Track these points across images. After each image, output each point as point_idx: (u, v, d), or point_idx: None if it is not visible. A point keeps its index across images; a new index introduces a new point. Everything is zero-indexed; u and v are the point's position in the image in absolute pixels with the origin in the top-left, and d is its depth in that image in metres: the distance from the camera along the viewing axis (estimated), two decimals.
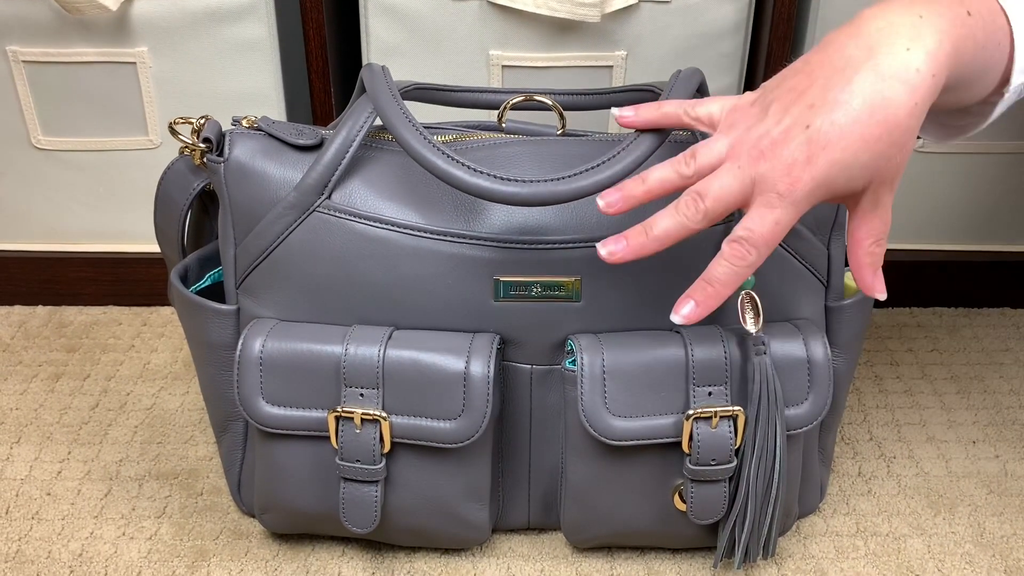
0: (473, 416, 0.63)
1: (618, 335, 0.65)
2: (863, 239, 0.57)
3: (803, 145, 0.52)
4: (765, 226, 0.54)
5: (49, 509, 0.76)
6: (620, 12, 0.89)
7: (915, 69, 0.51)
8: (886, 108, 0.51)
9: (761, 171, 0.53)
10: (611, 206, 0.58)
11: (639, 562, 0.72)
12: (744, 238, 0.54)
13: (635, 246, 0.57)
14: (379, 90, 0.65)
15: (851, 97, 0.52)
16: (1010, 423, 0.86)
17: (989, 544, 0.74)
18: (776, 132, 0.53)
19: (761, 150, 0.53)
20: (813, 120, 0.52)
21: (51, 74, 0.92)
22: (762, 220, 0.54)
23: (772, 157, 0.53)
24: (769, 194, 0.53)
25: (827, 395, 0.65)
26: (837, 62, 0.53)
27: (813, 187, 0.52)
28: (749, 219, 0.54)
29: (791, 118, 0.53)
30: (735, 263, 0.55)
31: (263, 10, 0.89)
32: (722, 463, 0.64)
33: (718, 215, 0.55)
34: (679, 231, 0.56)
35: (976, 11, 0.53)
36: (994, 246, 1.02)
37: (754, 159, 0.54)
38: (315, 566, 0.71)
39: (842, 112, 0.52)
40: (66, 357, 0.94)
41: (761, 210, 0.54)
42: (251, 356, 0.65)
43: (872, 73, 0.52)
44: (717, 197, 0.55)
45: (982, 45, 0.53)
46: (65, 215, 1.00)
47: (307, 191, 0.65)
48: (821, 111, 0.52)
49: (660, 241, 0.56)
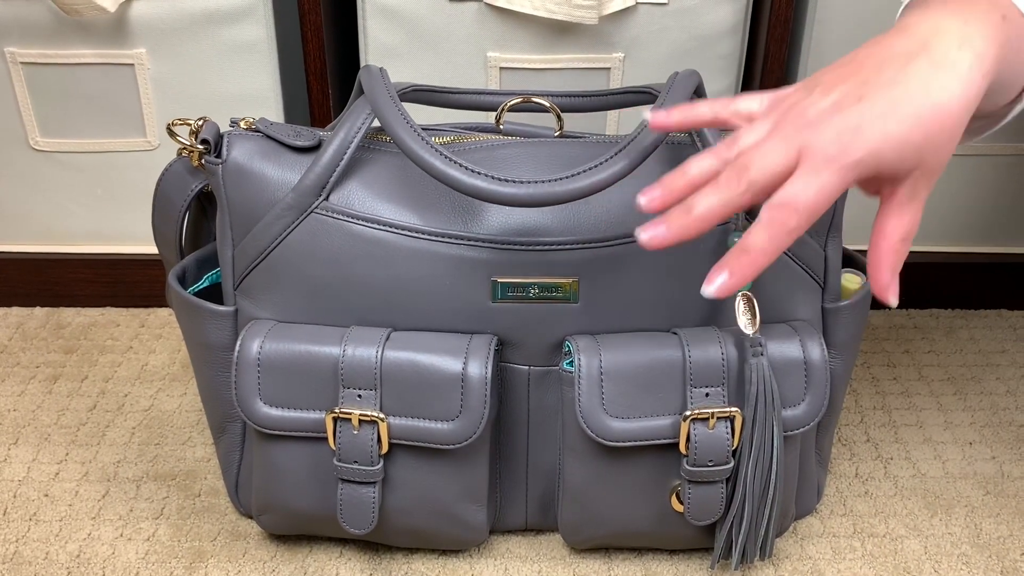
0: (471, 417, 0.63)
1: (616, 336, 0.65)
2: (892, 232, 0.54)
3: (855, 114, 0.50)
4: (810, 191, 0.51)
5: (47, 510, 0.76)
6: (618, 14, 0.89)
7: (967, 67, 0.51)
8: (941, 93, 0.50)
9: (808, 138, 0.51)
10: (652, 201, 0.55)
11: (636, 563, 0.72)
12: (786, 202, 0.51)
13: (677, 228, 0.53)
14: (377, 92, 0.65)
15: (907, 78, 0.50)
16: (1007, 424, 0.86)
17: (985, 545, 0.74)
18: (825, 103, 0.51)
19: (809, 119, 0.51)
20: (867, 93, 0.51)
21: (49, 75, 0.92)
22: (806, 185, 0.51)
23: (821, 124, 0.51)
24: (816, 159, 0.51)
25: (824, 396, 0.65)
26: (888, 53, 0.52)
27: (864, 155, 0.50)
28: (792, 185, 0.51)
29: (840, 92, 0.51)
30: (776, 229, 0.51)
31: (261, 12, 0.90)
32: (719, 464, 0.64)
33: (763, 188, 0.52)
34: (723, 208, 0.52)
35: (1009, 16, 0.53)
36: (991, 248, 1.02)
37: (800, 128, 0.51)
38: (313, 567, 0.71)
39: (900, 90, 0.50)
40: (64, 358, 0.94)
41: (806, 176, 0.51)
42: (249, 357, 0.65)
43: (927, 61, 0.51)
44: (761, 167, 0.51)
45: (1016, 49, 0.53)
46: (63, 216, 1.00)
47: (305, 192, 0.65)
48: (876, 87, 0.51)
49: (703, 220, 0.53)
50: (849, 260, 0.72)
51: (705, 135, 0.65)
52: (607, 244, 0.64)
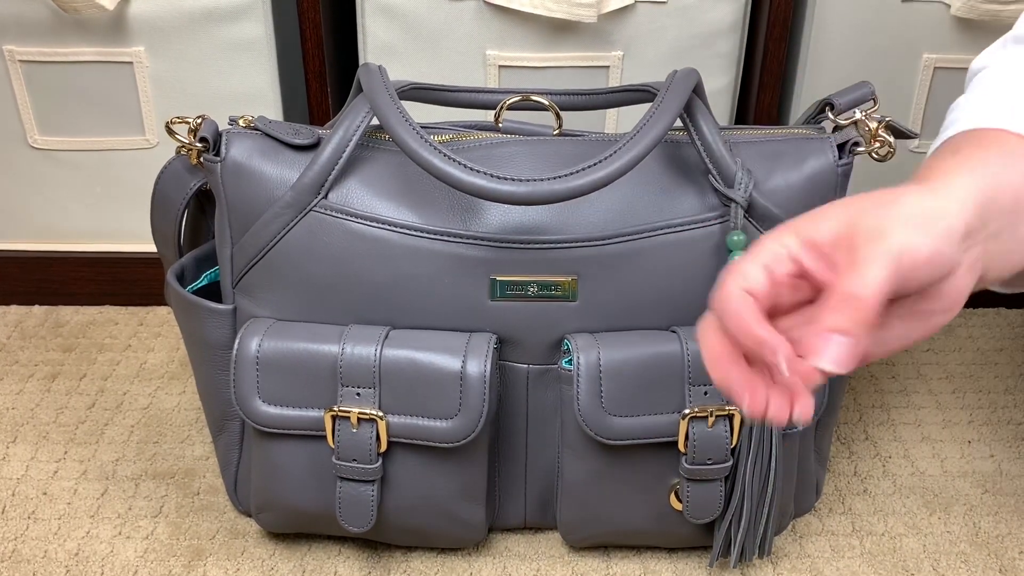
0: (470, 415, 0.63)
1: (614, 334, 0.65)
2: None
3: None
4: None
5: (45, 509, 0.76)
6: (616, 12, 0.89)
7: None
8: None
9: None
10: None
11: (635, 561, 0.72)
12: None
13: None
14: (376, 90, 0.65)
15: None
16: (1005, 423, 0.86)
17: (984, 543, 0.74)
18: None
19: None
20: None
21: (48, 73, 0.92)
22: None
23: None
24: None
25: (823, 394, 0.65)
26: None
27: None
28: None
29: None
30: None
31: (260, 10, 0.89)
32: (718, 462, 0.64)
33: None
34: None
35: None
36: None
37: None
38: (311, 565, 0.71)
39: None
40: (62, 357, 0.94)
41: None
42: (248, 355, 0.65)
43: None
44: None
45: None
46: (62, 215, 1.00)
47: (304, 191, 0.65)
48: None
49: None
50: None
51: (702, 129, 0.65)
52: (606, 242, 0.64)
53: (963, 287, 0.50)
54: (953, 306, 0.50)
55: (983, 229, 0.50)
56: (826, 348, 0.45)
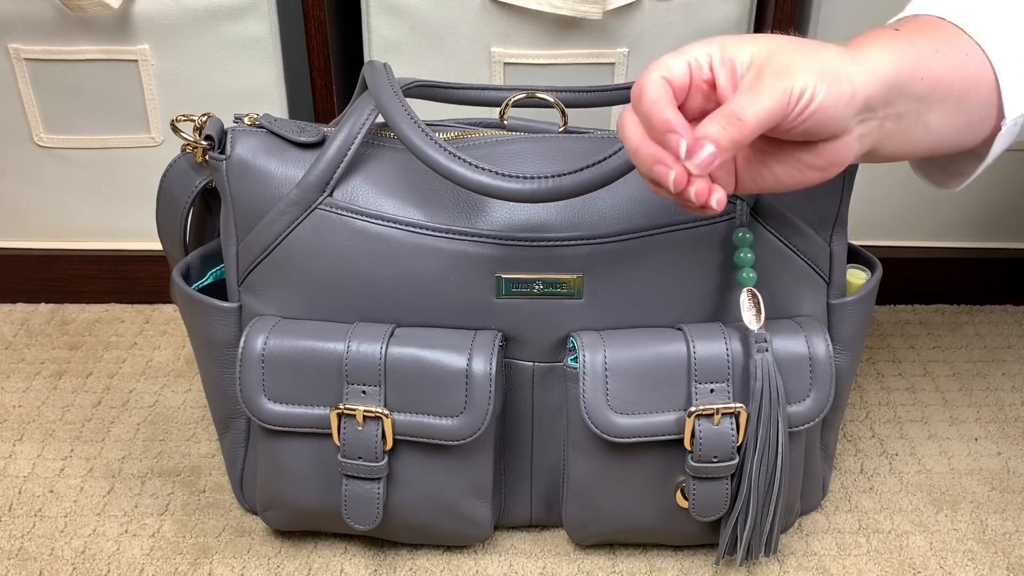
0: (475, 413, 0.63)
1: (620, 332, 0.65)
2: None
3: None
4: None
5: (52, 507, 0.76)
6: (622, 9, 0.89)
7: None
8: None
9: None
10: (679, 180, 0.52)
11: (641, 559, 0.72)
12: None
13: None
14: (381, 87, 0.65)
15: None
16: (1012, 420, 0.86)
17: (991, 541, 0.74)
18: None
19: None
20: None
21: (53, 72, 0.92)
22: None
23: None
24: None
25: (829, 392, 0.65)
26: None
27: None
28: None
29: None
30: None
31: (265, 7, 0.89)
32: (724, 460, 0.64)
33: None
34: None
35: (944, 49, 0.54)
36: (996, 243, 1.02)
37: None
38: (317, 563, 0.71)
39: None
40: (68, 355, 0.94)
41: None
42: (253, 353, 0.65)
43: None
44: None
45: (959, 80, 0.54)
46: (67, 213, 1.00)
47: (309, 188, 0.65)
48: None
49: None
50: (854, 255, 0.72)
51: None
52: (611, 240, 0.64)
53: (846, 152, 0.53)
54: (830, 167, 0.54)
55: (885, 107, 0.53)
56: (696, 151, 0.49)
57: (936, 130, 0.55)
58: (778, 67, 0.50)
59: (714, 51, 0.52)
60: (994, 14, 0.55)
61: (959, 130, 0.56)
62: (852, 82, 0.51)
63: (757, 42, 0.52)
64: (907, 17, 0.57)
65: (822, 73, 0.50)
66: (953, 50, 0.54)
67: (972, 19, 0.55)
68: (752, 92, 0.50)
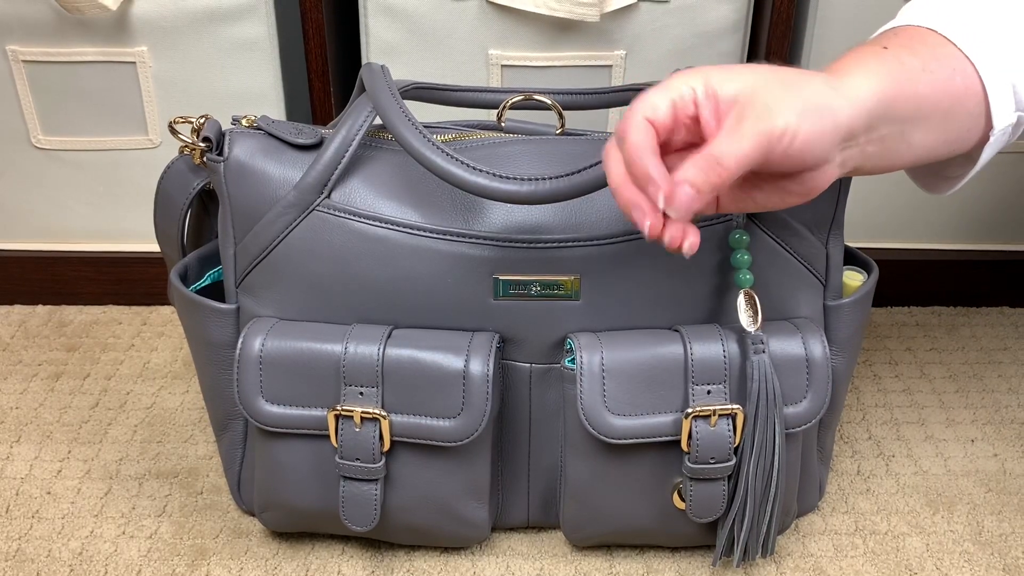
0: (472, 415, 0.63)
1: (617, 333, 0.65)
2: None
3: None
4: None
5: (49, 508, 0.76)
6: (619, 12, 0.89)
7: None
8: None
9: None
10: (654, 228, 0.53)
11: (638, 560, 0.72)
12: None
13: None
14: (379, 89, 0.65)
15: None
16: (1008, 422, 0.86)
17: (987, 542, 0.74)
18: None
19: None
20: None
21: (51, 73, 0.92)
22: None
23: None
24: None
25: (826, 394, 0.65)
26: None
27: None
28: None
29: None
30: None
31: (263, 10, 0.90)
32: (721, 461, 0.64)
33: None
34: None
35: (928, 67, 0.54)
36: (993, 245, 1.02)
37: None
38: (315, 564, 0.71)
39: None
40: (66, 356, 0.94)
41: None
42: (251, 355, 0.65)
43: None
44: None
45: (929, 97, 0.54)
46: (65, 214, 1.00)
47: (307, 190, 0.65)
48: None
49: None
50: (850, 257, 0.72)
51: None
52: (609, 241, 0.64)
53: (826, 178, 0.54)
54: (811, 192, 0.54)
55: (868, 133, 0.53)
56: (675, 196, 0.50)
57: (919, 146, 0.55)
58: (760, 108, 0.50)
59: (698, 85, 0.52)
60: (982, 24, 0.55)
61: (944, 143, 0.56)
62: (835, 116, 0.51)
63: (742, 76, 0.51)
64: (895, 29, 0.57)
65: (804, 111, 0.50)
66: (941, 67, 0.54)
67: (961, 31, 0.55)
68: (733, 135, 0.50)
